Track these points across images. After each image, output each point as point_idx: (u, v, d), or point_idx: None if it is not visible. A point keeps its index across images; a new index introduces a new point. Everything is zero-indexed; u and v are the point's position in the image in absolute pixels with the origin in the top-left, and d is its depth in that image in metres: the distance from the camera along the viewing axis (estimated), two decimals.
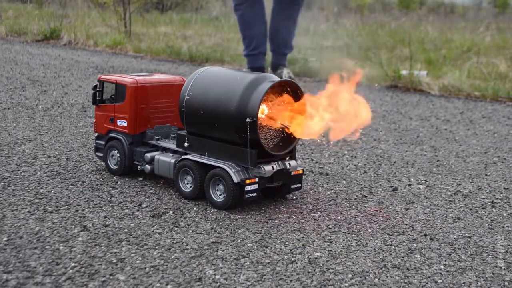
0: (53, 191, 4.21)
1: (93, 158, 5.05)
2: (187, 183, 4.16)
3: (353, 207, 4.20)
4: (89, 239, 3.43)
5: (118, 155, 4.59)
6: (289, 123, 3.90)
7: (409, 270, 3.25)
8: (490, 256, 3.49)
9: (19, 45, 13.56)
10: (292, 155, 4.12)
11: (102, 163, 4.87)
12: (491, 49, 13.00)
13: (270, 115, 3.92)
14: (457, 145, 6.19)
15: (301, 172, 4.21)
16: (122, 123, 4.56)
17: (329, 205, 4.22)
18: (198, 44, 13.39)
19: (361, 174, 5.04)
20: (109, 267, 3.09)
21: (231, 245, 3.43)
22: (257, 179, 3.95)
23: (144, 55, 12.62)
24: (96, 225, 3.64)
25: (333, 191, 4.54)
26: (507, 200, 4.53)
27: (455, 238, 3.73)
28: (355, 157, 5.55)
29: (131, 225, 3.66)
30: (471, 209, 4.29)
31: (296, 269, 3.18)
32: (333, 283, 3.05)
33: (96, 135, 4.81)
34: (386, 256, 3.41)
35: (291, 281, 3.05)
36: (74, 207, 3.93)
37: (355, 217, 4.00)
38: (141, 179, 4.58)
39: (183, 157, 4.20)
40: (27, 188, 4.25)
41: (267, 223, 3.81)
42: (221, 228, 3.69)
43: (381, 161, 5.48)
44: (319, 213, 4.05)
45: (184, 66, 11.31)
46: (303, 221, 3.88)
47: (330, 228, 3.79)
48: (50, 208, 3.88)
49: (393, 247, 3.53)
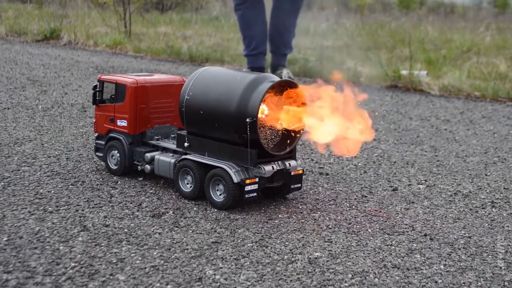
0: (53, 191, 4.21)
1: (93, 158, 5.05)
2: (187, 183, 4.16)
3: (353, 207, 4.20)
4: (89, 239, 3.43)
5: (118, 155, 4.59)
6: (289, 123, 3.90)
7: (409, 270, 3.24)
8: (490, 256, 3.48)
9: (19, 45, 13.56)
10: (292, 155, 4.13)
11: (102, 163, 4.87)
12: (491, 49, 13.00)
13: (270, 115, 3.92)
14: (457, 145, 6.19)
15: (301, 172, 4.21)
16: (122, 123, 4.56)
17: (329, 205, 4.22)
18: (198, 44, 13.38)
19: (361, 174, 5.04)
20: (109, 267, 3.09)
21: (231, 245, 3.43)
22: (257, 179, 3.95)
23: (144, 55, 12.62)
24: (96, 225, 3.64)
25: (333, 191, 4.54)
26: (507, 200, 4.53)
27: (455, 238, 3.73)
28: (355, 157, 5.55)
29: (131, 225, 3.66)
30: (471, 209, 4.29)
31: (296, 269, 3.18)
32: (333, 283, 3.05)
33: (96, 135, 4.81)
34: (386, 256, 3.41)
35: (291, 281, 3.05)
36: (74, 207, 3.93)
37: (355, 217, 4.00)
38: (141, 179, 4.58)
39: (183, 157, 4.20)
40: (27, 188, 4.25)
41: (267, 223, 3.81)
42: (221, 228, 3.69)
43: (381, 161, 5.48)
44: (319, 213, 4.05)
45: (184, 66, 11.31)
46: (303, 221, 3.88)
47: (330, 228, 3.79)
48: (50, 208, 3.88)
49: (393, 247, 3.53)
